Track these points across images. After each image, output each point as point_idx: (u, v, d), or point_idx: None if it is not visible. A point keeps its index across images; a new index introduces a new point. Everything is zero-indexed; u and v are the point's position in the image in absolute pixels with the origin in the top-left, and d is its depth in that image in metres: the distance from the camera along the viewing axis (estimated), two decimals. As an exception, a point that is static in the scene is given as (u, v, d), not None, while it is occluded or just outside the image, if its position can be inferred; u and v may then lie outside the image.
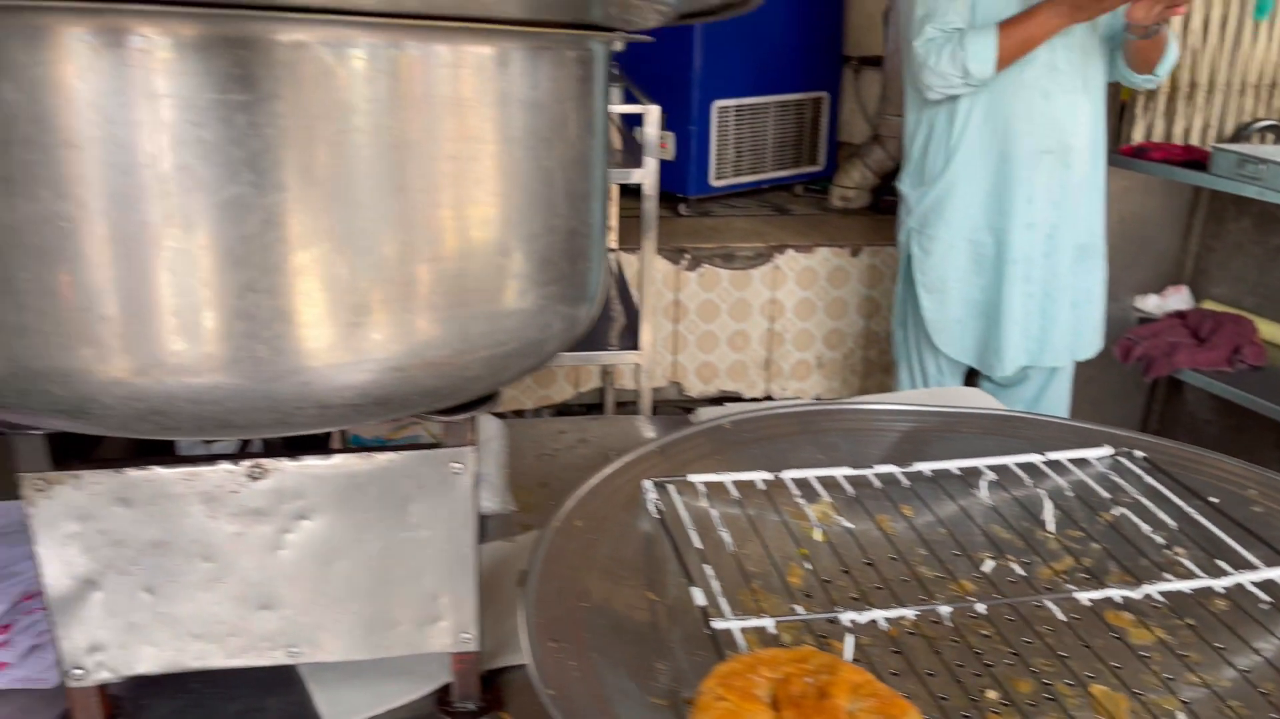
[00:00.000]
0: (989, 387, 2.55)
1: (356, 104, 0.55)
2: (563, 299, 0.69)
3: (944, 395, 1.44)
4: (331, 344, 0.57)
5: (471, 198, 0.60)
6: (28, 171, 0.51)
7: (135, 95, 0.51)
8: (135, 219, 0.52)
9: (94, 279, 0.53)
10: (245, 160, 0.52)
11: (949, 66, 2.13)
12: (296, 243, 0.55)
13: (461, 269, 0.61)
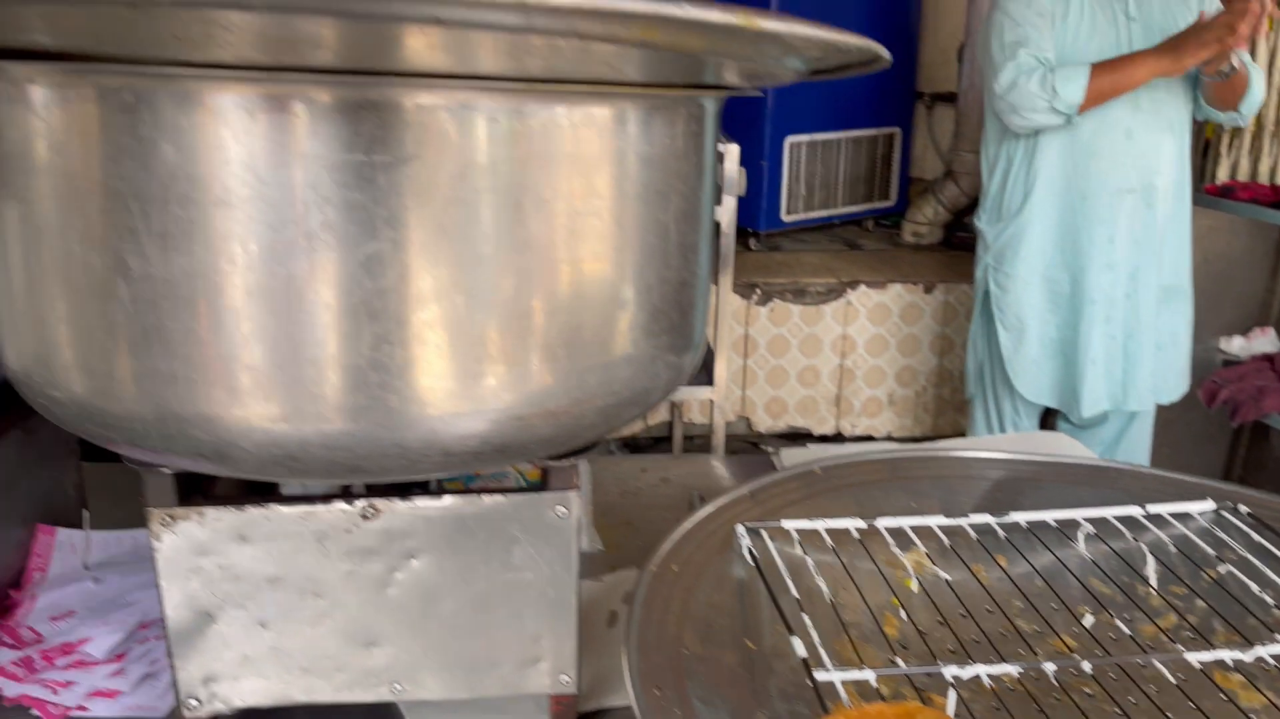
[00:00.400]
0: (1066, 428, 2.51)
1: (482, 163, 0.56)
2: (671, 348, 0.70)
3: (1031, 441, 1.42)
4: (458, 394, 0.59)
5: (591, 253, 0.62)
6: (182, 228, 0.54)
7: (283, 156, 0.53)
8: (281, 273, 0.54)
9: (240, 330, 0.55)
10: (383, 218, 0.55)
11: (1038, 90, 2.10)
12: (428, 297, 0.57)
13: (580, 322, 0.62)
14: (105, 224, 0.55)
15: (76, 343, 0.59)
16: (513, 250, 0.59)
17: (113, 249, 0.55)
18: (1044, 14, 2.13)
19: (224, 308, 0.55)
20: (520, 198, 0.58)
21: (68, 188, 0.56)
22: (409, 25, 0.43)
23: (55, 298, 0.59)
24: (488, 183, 0.57)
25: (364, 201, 0.54)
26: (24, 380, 0.64)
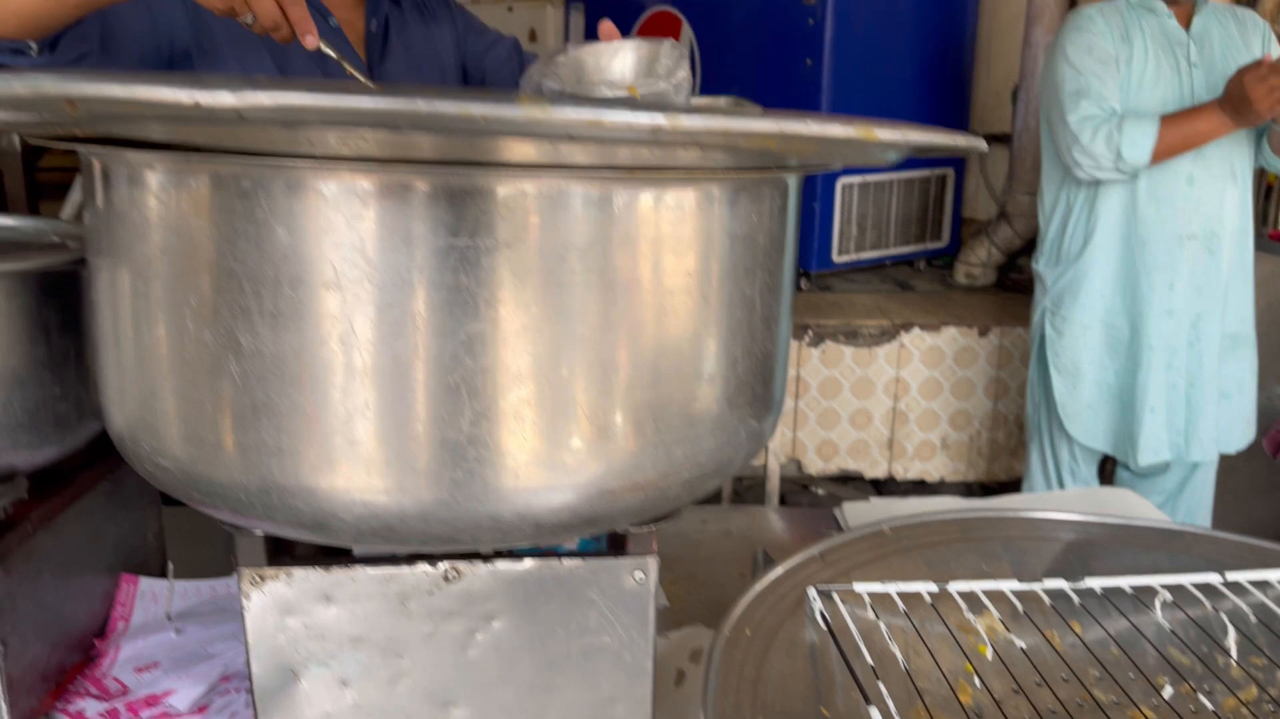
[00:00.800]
0: (1126, 476, 2.47)
1: (576, 246, 0.58)
2: (755, 417, 0.71)
3: (1097, 498, 1.41)
4: (551, 469, 0.60)
5: (680, 330, 0.63)
6: (293, 307, 0.56)
7: (391, 241, 0.55)
8: (386, 352, 0.56)
9: (346, 406, 0.57)
10: (484, 299, 0.56)
11: (1103, 148, 2.09)
12: (525, 375, 0.58)
13: (669, 397, 0.63)
14: (219, 302, 0.57)
15: (186, 415, 0.61)
16: (605, 329, 0.60)
17: (225, 326, 0.57)
18: (1106, 61, 2.12)
19: (331, 385, 0.57)
20: (612, 278, 0.59)
21: (183, 266, 0.58)
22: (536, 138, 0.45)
23: (167, 370, 0.61)
24: (581, 264, 0.58)
25: (467, 284, 0.56)
26: (130, 445, 0.66)
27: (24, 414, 0.78)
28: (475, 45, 1.59)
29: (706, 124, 0.36)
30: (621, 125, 0.37)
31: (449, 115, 0.36)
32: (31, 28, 1.17)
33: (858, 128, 0.41)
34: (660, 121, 0.36)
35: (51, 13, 1.15)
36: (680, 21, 3.54)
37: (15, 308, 0.76)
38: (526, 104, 0.36)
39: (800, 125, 0.38)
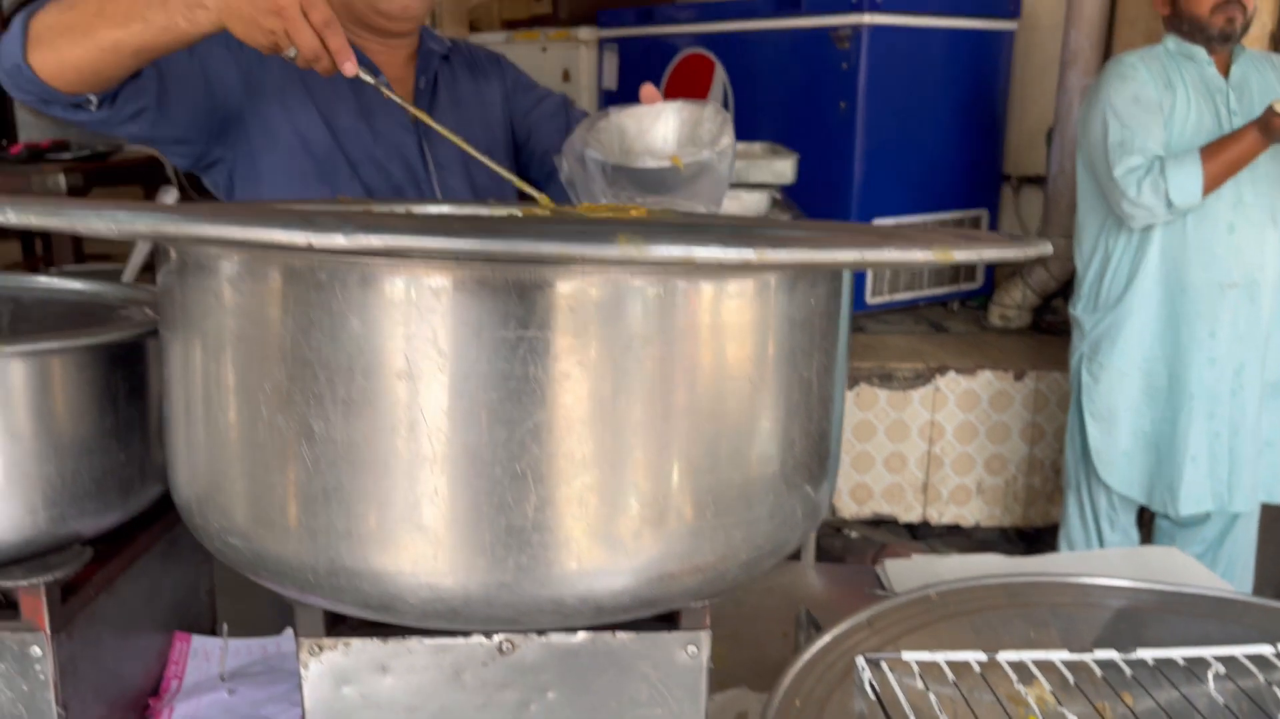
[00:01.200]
0: (1165, 525, 2.44)
1: (637, 336, 0.59)
2: (811, 496, 0.71)
3: (1143, 559, 1.39)
4: (613, 554, 0.61)
5: (739, 415, 0.64)
6: (365, 395, 0.57)
7: (462, 333, 0.56)
8: (456, 440, 0.57)
9: (415, 493, 0.58)
10: (550, 389, 0.57)
11: (1151, 198, 2.09)
12: (589, 462, 0.59)
13: (729, 481, 0.64)
14: (292, 389, 0.59)
15: (257, 496, 0.62)
16: (666, 416, 0.61)
17: (298, 412, 0.59)
18: (1151, 109, 2.13)
19: (401, 471, 0.58)
20: (673, 366, 0.60)
21: (258, 353, 0.60)
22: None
23: (239, 452, 0.62)
24: (644, 353, 0.59)
25: (534, 374, 0.57)
26: (199, 521, 0.68)
27: (91, 483, 0.79)
28: (523, 102, 1.61)
29: (793, 256, 0.37)
30: (713, 260, 0.38)
31: (551, 255, 0.37)
32: (91, 80, 1.21)
33: (937, 251, 0.41)
34: (750, 256, 0.37)
35: (110, 63, 1.19)
36: (713, 64, 3.57)
37: (85, 379, 0.78)
38: (623, 243, 0.38)
39: (882, 253, 0.38)
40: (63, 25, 1.18)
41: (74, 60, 1.18)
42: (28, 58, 1.19)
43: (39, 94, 1.23)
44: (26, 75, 1.20)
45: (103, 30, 1.16)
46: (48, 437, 0.77)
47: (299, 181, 1.43)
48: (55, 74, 1.20)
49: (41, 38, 1.19)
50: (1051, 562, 1.42)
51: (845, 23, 3.03)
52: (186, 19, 1.14)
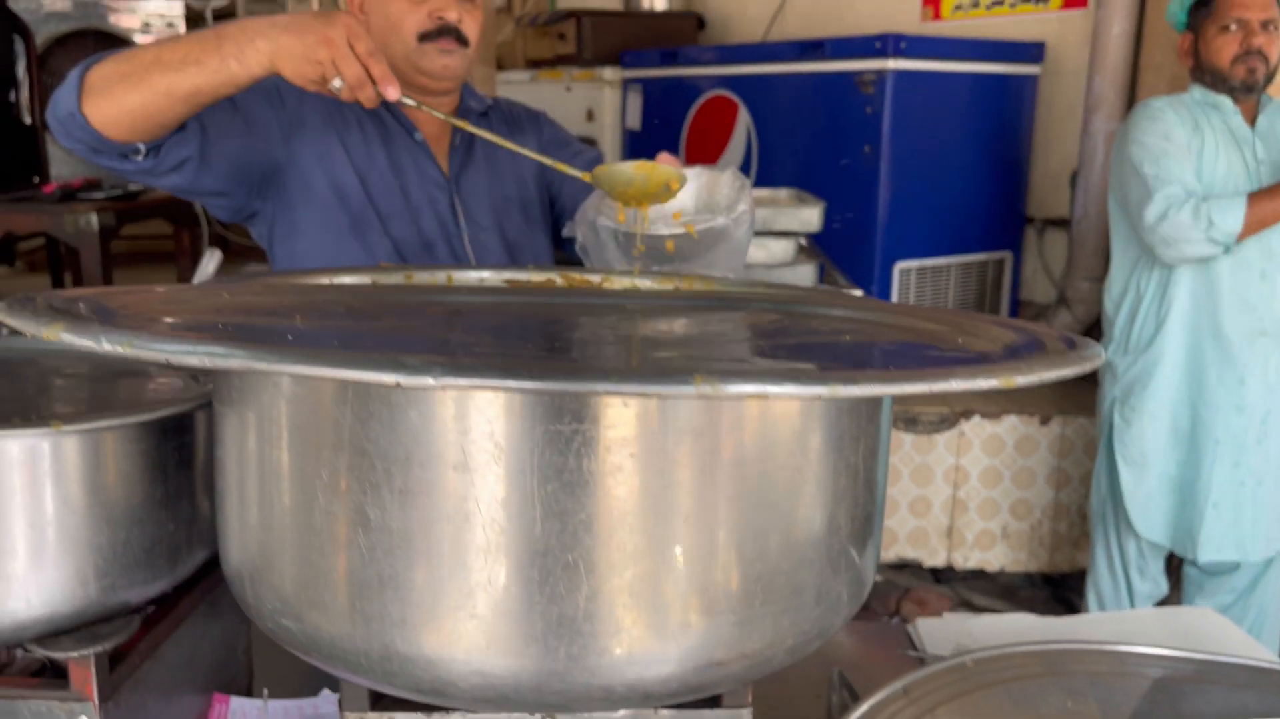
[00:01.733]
0: (1194, 574, 2.42)
1: (684, 432, 0.59)
2: (856, 579, 0.72)
3: (1179, 620, 1.38)
4: (662, 643, 0.61)
5: (785, 504, 0.64)
6: (422, 486, 0.58)
7: (518, 427, 0.57)
8: (510, 531, 0.58)
9: (469, 582, 0.59)
10: (601, 484, 0.58)
11: (1191, 221, 2.06)
12: (639, 554, 0.60)
13: (776, 568, 0.64)
14: (350, 478, 0.60)
15: (312, 581, 0.63)
16: (715, 508, 0.61)
17: (355, 500, 0.60)
18: (1181, 148, 2.13)
19: (455, 561, 0.59)
20: (722, 459, 0.61)
21: (316, 441, 0.61)
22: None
23: (293, 536, 0.63)
24: (693, 447, 0.60)
25: (588, 468, 0.58)
26: (252, 601, 0.68)
27: (141, 552, 0.81)
28: (557, 158, 1.64)
29: (865, 391, 0.38)
30: (788, 395, 0.39)
31: (631, 392, 0.38)
32: (142, 127, 1.26)
33: (1001, 378, 0.42)
34: (822, 392, 0.38)
35: (161, 108, 1.24)
36: (737, 106, 3.60)
37: (138, 451, 0.80)
38: (700, 383, 0.39)
39: (949, 384, 0.39)
40: (118, 74, 1.24)
41: (128, 106, 1.24)
42: (82, 107, 1.25)
43: (90, 142, 1.28)
44: (79, 123, 1.25)
45: (157, 76, 1.22)
46: (100, 508, 0.78)
47: (333, 235, 1.46)
48: (108, 122, 1.25)
49: (96, 87, 1.25)
50: (1084, 623, 1.41)
51: (870, 67, 3.05)
52: (238, 61, 1.20)
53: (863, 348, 0.65)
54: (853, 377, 0.39)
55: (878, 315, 0.79)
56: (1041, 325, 0.64)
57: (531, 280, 1.07)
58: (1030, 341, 0.59)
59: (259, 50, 1.18)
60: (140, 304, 0.65)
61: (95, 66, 1.27)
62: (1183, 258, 2.14)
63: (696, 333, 0.72)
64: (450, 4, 1.45)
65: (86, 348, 0.45)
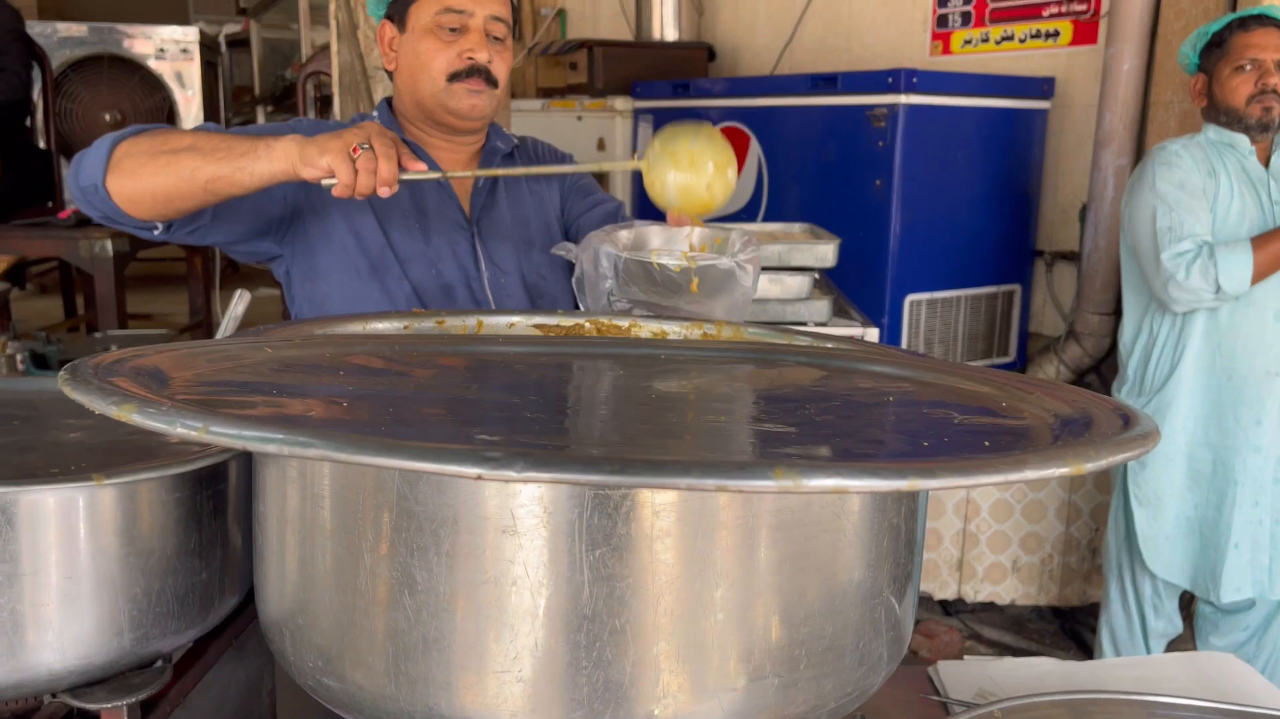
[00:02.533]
0: (1208, 612, 2.41)
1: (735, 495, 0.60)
2: (897, 639, 0.72)
3: (1199, 665, 1.37)
4: (707, 706, 0.61)
5: (831, 567, 0.64)
6: (470, 550, 0.59)
7: (565, 493, 0.57)
8: (556, 596, 0.58)
9: (515, 646, 0.59)
10: (651, 548, 0.58)
11: (1199, 282, 2.08)
12: (688, 620, 0.60)
13: (820, 632, 0.64)
14: (396, 539, 0.60)
15: (355, 640, 0.63)
16: (756, 573, 0.61)
17: (401, 562, 0.60)
18: (1196, 195, 2.14)
19: (503, 624, 0.59)
20: (765, 523, 0.61)
21: (362, 503, 0.61)
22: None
23: (338, 598, 0.63)
24: (735, 513, 0.60)
25: (636, 533, 0.58)
26: (293, 658, 0.68)
27: (175, 601, 0.81)
28: (577, 205, 1.64)
29: (944, 484, 0.38)
30: (868, 490, 0.39)
31: (712, 488, 0.39)
32: (163, 209, 1.29)
33: (1071, 465, 0.42)
34: (901, 485, 0.39)
35: (183, 193, 1.26)
36: (749, 138, 3.62)
37: (173, 500, 0.80)
38: (780, 476, 0.39)
39: (1024, 473, 0.40)
40: (147, 155, 1.25)
41: (151, 188, 1.25)
42: (106, 181, 1.26)
43: (110, 215, 1.31)
44: (101, 197, 1.27)
45: (186, 161, 1.24)
46: (136, 558, 0.78)
47: (353, 278, 1.46)
48: (129, 200, 1.27)
49: (122, 165, 1.26)
50: (1107, 669, 1.40)
51: (881, 102, 3.07)
52: (265, 158, 1.22)
53: (915, 418, 0.65)
54: (931, 469, 0.40)
55: (917, 373, 0.79)
56: (1082, 390, 0.64)
57: (561, 325, 1.07)
58: (1082, 414, 0.59)
59: (287, 152, 1.21)
60: (187, 365, 0.65)
61: (124, 143, 1.29)
62: (1192, 310, 2.15)
63: (746, 394, 0.72)
64: (481, 45, 1.45)
65: (159, 430, 0.45)
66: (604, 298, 1.14)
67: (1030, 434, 0.59)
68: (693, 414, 0.64)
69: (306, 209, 1.46)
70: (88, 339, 3.59)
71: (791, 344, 0.89)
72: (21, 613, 0.73)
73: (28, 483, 0.73)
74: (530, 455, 0.40)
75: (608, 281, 1.12)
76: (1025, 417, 0.63)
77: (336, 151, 1.19)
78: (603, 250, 1.12)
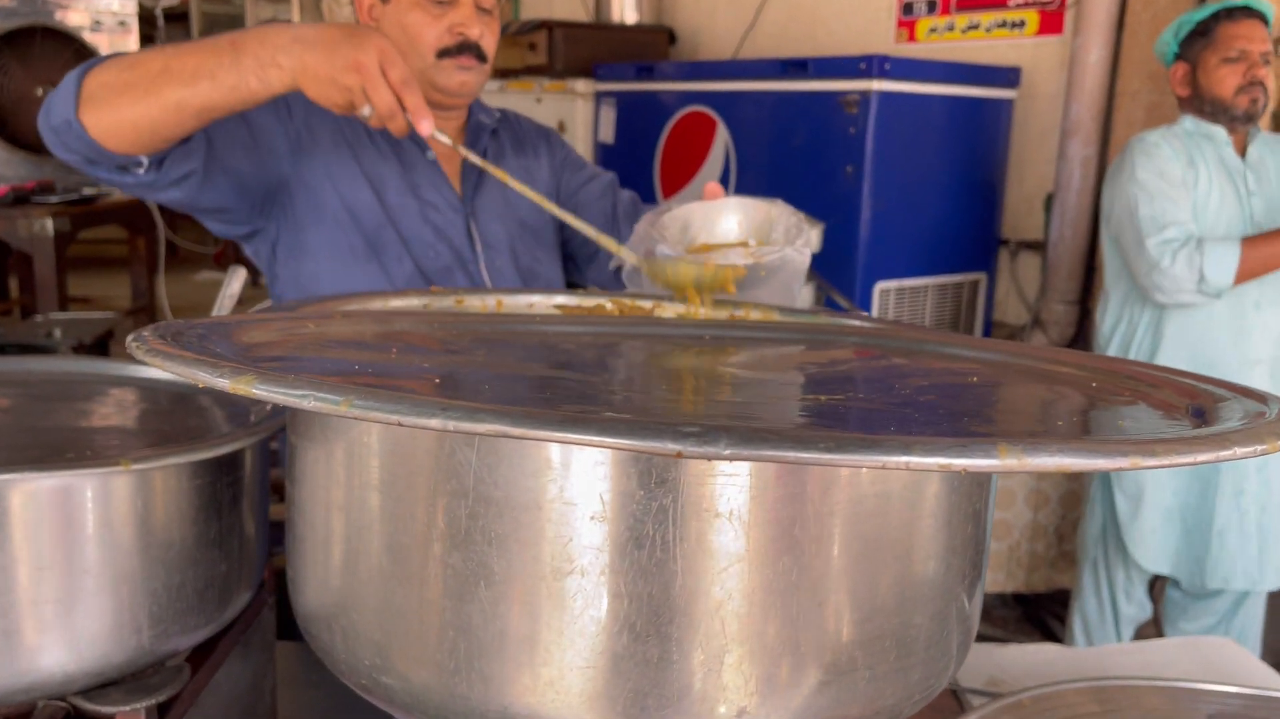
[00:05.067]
0: (1177, 596, 2.45)
1: (817, 483, 0.56)
2: (966, 632, 0.69)
3: (1201, 650, 1.38)
4: (767, 707, 0.58)
5: (912, 558, 0.61)
6: (555, 538, 0.54)
7: (653, 472, 0.54)
8: (643, 586, 0.54)
9: (600, 639, 0.55)
10: (736, 542, 0.55)
11: (1184, 270, 2.08)
12: (757, 616, 0.56)
13: (886, 631, 0.61)
14: (472, 527, 0.56)
15: (420, 636, 0.58)
16: (829, 563, 0.58)
17: (478, 553, 0.56)
18: (1176, 184, 2.15)
19: (587, 617, 0.55)
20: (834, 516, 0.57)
21: (429, 488, 0.57)
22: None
23: (401, 593, 0.59)
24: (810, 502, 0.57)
25: (718, 533, 0.54)
26: (343, 658, 0.64)
27: (194, 595, 0.75)
28: (571, 181, 1.59)
29: (1165, 460, 0.35)
30: (1091, 467, 0.36)
31: (933, 466, 0.35)
32: (147, 141, 1.17)
33: (1268, 442, 0.40)
34: (1123, 463, 0.35)
35: (170, 123, 1.14)
36: (715, 122, 3.59)
37: (194, 488, 0.74)
38: (1005, 453, 0.35)
39: (1228, 451, 0.37)
40: (122, 83, 1.13)
41: (132, 119, 1.13)
42: (79, 114, 1.14)
43: (87, 153, 1.17)
44: (76, 132, 1.15)
45: (167, 89, 1.11)
46: (156, 550, 0.72)
47: (347, 256, 1.39)
48: (109, 133, 1.15)
49: (96, 95, 1.14)
50: (1111, 655, 1.41)
51: (854, 88, 3.06)
52: (258, 78, 1.10)
53: (1025, 399, 0.62)
54: (1150, 448, 0.36)
55: (977, 353, 0.76)
56: (1160, 369, 0.62)
57: (583, 305, 1.03)
58: (1190, 397, 0.57)
59: (281, 68, 1.09)
60: (255, 337, 0.60)
61: (94, 71, 1.16)
62: (1174, 303, 2.16)
63: (838, 374, 0.68)
64: (472, 19, 1.38)
65: (286, 403, 0.40)
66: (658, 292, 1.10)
67: (1166, 415, 0.56)
68: (787, 394, 0.60)
69: (295, 180, 1.39)
70: (28, 322, 3.45)
71: (836, 324, 0.86)
72: (36, 611, 0.67)
73: (50, 468, 0.67)
74: (734, 430, 0.36)
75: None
76: (1128, 396, 0.61)
77: (361, 69, 1.07)
78: (659, 252, 1.08)
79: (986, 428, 0.53)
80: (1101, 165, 3.15)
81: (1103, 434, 0.48)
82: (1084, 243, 3.22)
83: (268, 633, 1.00)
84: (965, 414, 0.56)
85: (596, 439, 0.37)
